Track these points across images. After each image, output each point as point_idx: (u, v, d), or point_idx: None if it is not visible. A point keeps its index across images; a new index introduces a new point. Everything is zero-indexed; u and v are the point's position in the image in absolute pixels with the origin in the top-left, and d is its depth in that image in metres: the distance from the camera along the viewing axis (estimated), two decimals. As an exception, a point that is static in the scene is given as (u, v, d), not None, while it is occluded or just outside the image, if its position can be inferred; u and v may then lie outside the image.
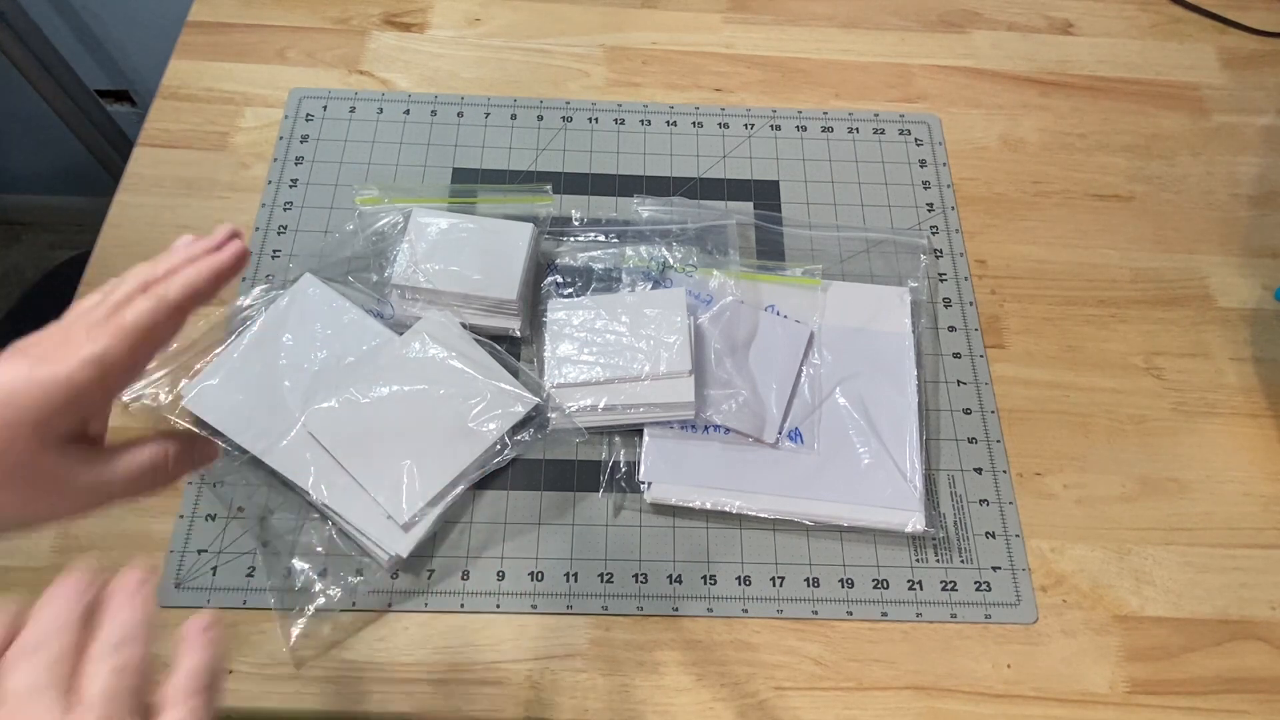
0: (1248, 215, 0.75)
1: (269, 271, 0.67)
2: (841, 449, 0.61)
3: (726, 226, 0.69)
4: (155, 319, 0.34)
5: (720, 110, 0.78)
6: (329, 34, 0.80)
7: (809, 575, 0.58)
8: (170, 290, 0.35)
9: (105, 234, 0.68)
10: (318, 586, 0.55)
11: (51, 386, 0.32)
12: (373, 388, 0.60)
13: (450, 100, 0.77)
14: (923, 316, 0.67)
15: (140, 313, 0.34)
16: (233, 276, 0.37)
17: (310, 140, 0.74)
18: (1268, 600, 0.59)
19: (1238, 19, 0.86)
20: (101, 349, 0.33)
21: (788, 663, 0.56)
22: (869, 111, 0.79)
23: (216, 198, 0.70)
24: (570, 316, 0.63)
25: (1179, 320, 0.70)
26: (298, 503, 0.58)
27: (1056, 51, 0.84)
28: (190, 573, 0.56)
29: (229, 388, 0.60)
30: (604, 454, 0.61)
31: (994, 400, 0.65)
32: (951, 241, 0.72)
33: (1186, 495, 0.62)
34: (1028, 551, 0.60)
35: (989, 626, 0.57)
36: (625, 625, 0.56)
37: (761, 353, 0.64)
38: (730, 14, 0.84)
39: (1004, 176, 0.76)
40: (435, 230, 0.64)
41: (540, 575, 0.57)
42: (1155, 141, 0.79)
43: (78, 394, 0.33)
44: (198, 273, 0.36)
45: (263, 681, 0.53)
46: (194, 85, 0.76)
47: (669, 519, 0.60)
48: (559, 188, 0.72)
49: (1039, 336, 0.68)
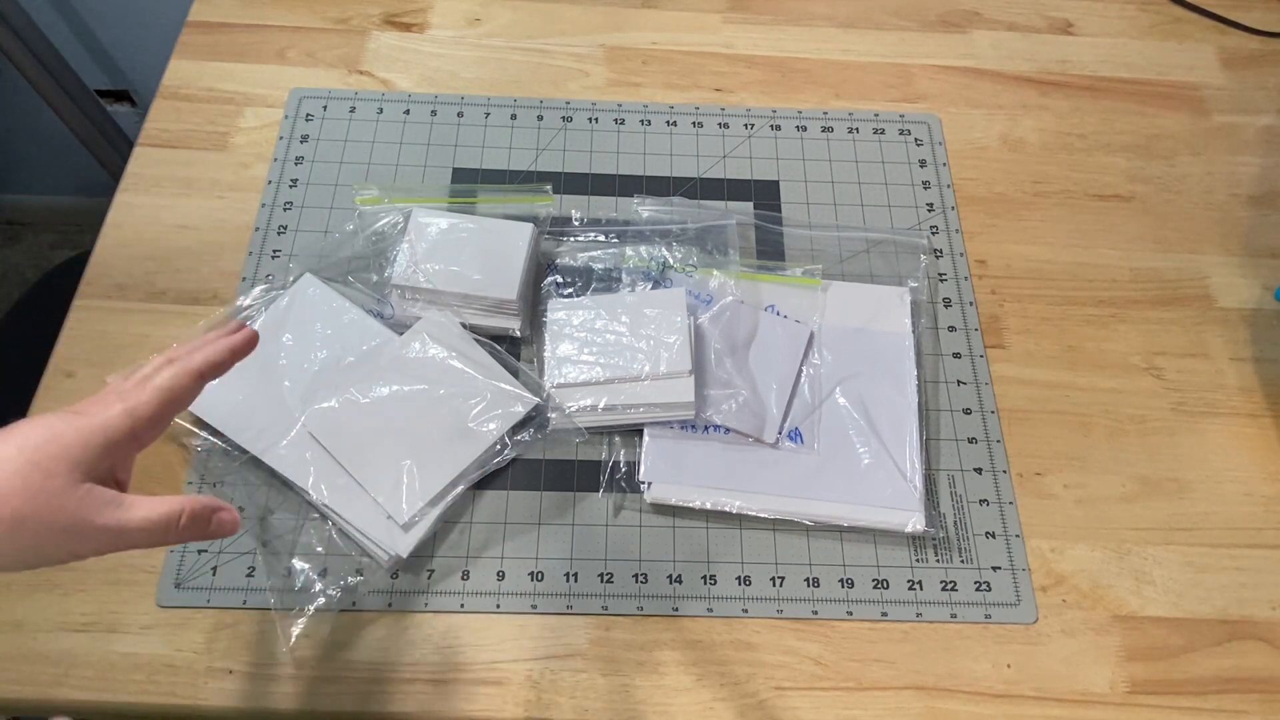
0: (1248, 215, 0.75)
1: (269, 271, 0.67)
2: (841, 449, 0.61)
3: (726, 226, 0.69)
4: (179, 383, 0.41)
5: (720, 110, 0.78)
6: (329, 34, 0.80)
7: (809, 575, 0.58)
8: (193, 361, 0.42)
9: (105, 234, 0.68)
10: (318, 586, 0.55)
11: (89, 432, 0.37)
12: (373, 388, 0.60)
13: (450, 100, 0.77)
14: (923, 316, 0.67)
15: (165, 377, 0.40)
16: (245, 354, 0.44)
17: (310, 140, 0.74)
18: (1268, 600, 0.59)
19: (1238, 19, 0.86)
20: (134, 403, 0.39)
21: (788, 663, 0.56)
22: (869, 111, 0.79)
23: (216, 198, 0.70)
24: (570, 316, 0.63)
25: (1179, 320, 0.70)
26: (298, 503, 0.58)
27: (1056, 51, 0.84)
28: (190, 573, 0.56)
29: (229, 388, 0.60)
30: (604, 454, 0.61)
31: (994, 400, 0.65)
32: (951, 241, 0.72)
33: (1186, 495, 0.62)
34: (1028, 551, 0.60)
35: (989, 626, 0.57)
36: (625, 625, 0.56)
37: (761, 353, 0.64)
38: (730, 14, 0.84)
39: (1004, 176, 0.76)
40: (435, 230, 0.64)
41: (540, 575, 0.57)
42: (1155, 141, 0.79)
43: (112, 439, 0.38)
44: (215, 348, 0.43)
45: (263, 681, 0.53)
46: (194, 85, 0.76)
47: (669, 519, 0.60)
48: (559, 188, 0.72)
49: (1039, 336, 0.68)
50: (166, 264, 0.67)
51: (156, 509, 0.38)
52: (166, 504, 0.38)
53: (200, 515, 0.39)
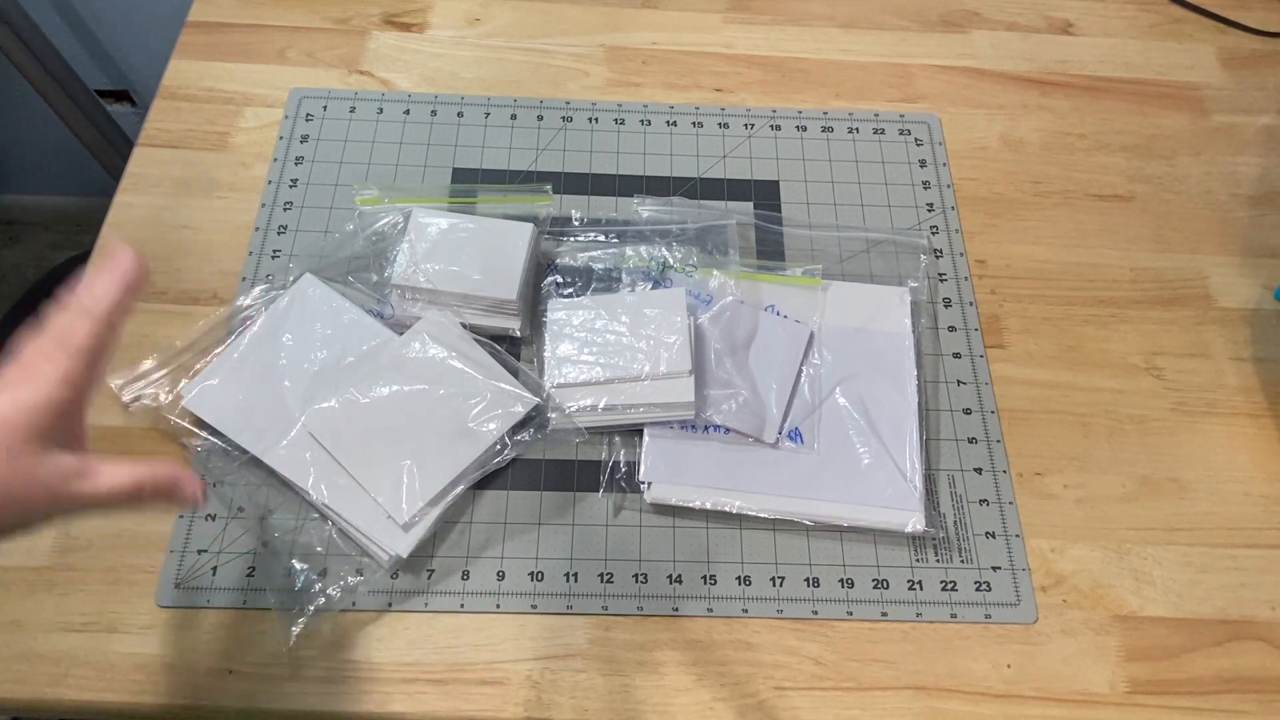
0: (1248, 215, 0.75)
1: (269, 271, 0.67)
2: (841, 449, 0.61)
3: (726, 226, 0.69)
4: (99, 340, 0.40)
5: (720, 110, 0.78)
6: (329, 34, 0.80)
7: (809, 575, 0.58)
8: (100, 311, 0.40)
9: (105, 234, 0.68)
10: (318, 586, 0.55)
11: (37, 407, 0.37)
12: (373, 388, 0.60)
13: (450, 100, 0.77)
14: (923, 316, 0.67)
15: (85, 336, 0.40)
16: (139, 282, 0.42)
17: (310, 140, 0.74)
18: (1268, 600, 0.59)
19: (1238, 19, 0.86)
20: (66, 370, 0.39)
21: (788, 663, 0.56)
22: (869, 111, 0.79)
23: (216, 198, 0.70)
24: (570, 316, 0.63)
25: (1179, 320, 0.70)
26: (298, 503, 0.58)
27: (1056, 51, 0.84)
28: (190, 573, 0.56)
29: (229, 388, 0.60)
30: (604, 454, 0.61)
31: (994, 400, 0.65)
32: (951, 241, 0.72)
33: (1186, 495, 0.62)
34: (1028, 551, 0.60)
35: (989, 626, 0.57)
36: (625, 625, 0.56)
37: (761, 353, 0.64)
38: (730, 14, 0.84)
39: (1004, 176, 0.76)
40: (435, 230, 0.64)
41: (540, 575, 0.57)
42: (1155, 141, 0.79)
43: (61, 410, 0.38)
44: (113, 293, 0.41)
45: (263, 681, 0.53)
46: (194, 85, 0.76)
47: (669, 519, 0.60)
48: (559, 188, 0.72)
49: (1039, 336, 0.68)
50: (166, 264, 0.67)
51: (121, 478, 0.40)
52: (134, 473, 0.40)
53: (163, 487, 0.41)
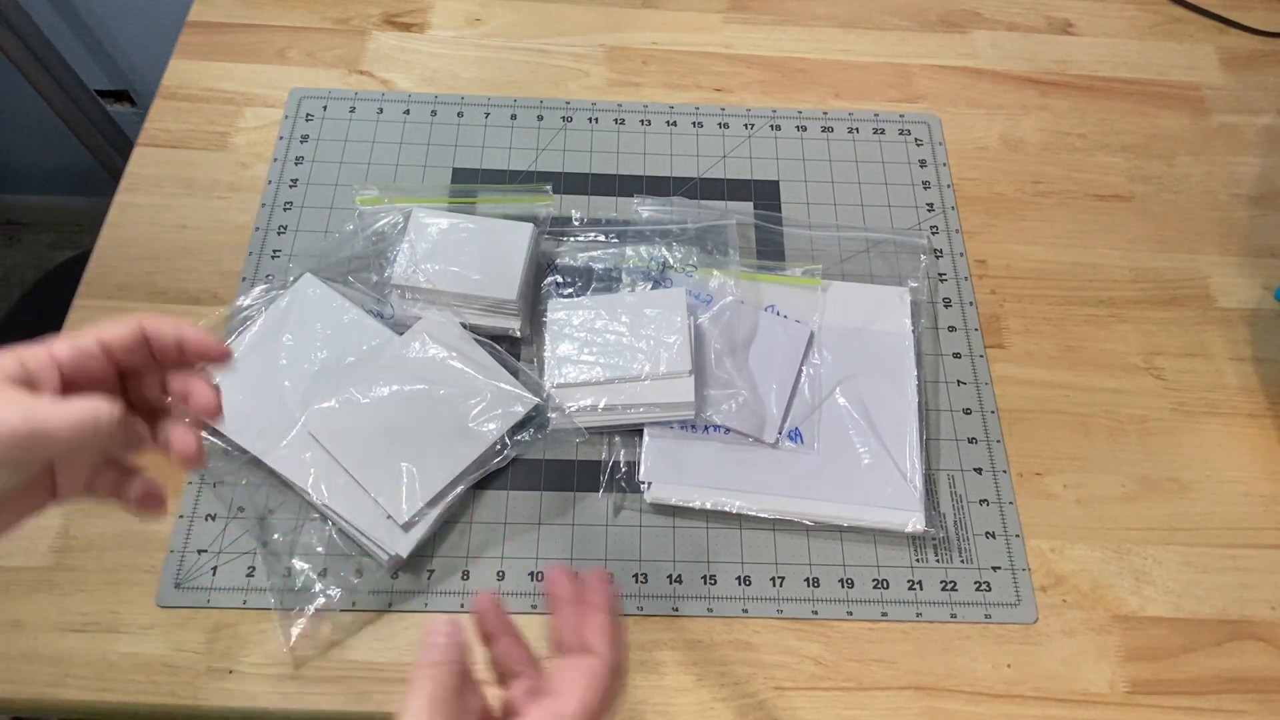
0: (1248, 215, 0.75)
1: (269, 271, 0.67)
2: (841, 449, 0.61)
3: (726, 226, 0.69)
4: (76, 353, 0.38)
5: (720, 110, 0.78)
6: (329, 34, 0.80)
7: (809, 575, 0.58)
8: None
9: (105, 234, 0.68)
10: (318, 586, 0.55)
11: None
12: (373, 388, 0.60)
13: (450, 100, 0.77)
14: (923, 316, 0.67)
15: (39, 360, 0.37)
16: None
17: (310, 140, 0.74)
18: (1268, 600, 0.59)
19: (1238, 19, 0.86)
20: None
21: (788, 663, 0.56)
22: (869, 111, 0.79)
23: (216, 198, 0.70)
24: (570, 316, 0.63)
25: (1179, 320, 0.70)
26: (298, 503, 0.58)
27: (1056, 51, 0.84)
28: (190, 573, 0.56)
29: (228, 388, 0.59)
30: (604, 454, 0.61)
31: (994, 400, 0.65)
32: (951, 241, 0.72)
33: (1186, 495, 0.62)
34: (1028, 551, 0.60)
35: (989, 626, 0.57)
36: (625, 625, 0.56)
37: (761, 353, 0.64)
38: (730, 14, 0.84)
39: (1004, 176, 0.76)
40: (435, 230, 0.64)
41: (540, 575, 0.57)
42: (1155, 141, 0.79)
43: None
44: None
45: (263, 681, 0.53)
46: (194, 85, 0.76)
47: (669, 519, 0.60)
48: (559, 188, 0.72)
49: (1039, 336, 0.68)
50: (166, 264, 0.67)
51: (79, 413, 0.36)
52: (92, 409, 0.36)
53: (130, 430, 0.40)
